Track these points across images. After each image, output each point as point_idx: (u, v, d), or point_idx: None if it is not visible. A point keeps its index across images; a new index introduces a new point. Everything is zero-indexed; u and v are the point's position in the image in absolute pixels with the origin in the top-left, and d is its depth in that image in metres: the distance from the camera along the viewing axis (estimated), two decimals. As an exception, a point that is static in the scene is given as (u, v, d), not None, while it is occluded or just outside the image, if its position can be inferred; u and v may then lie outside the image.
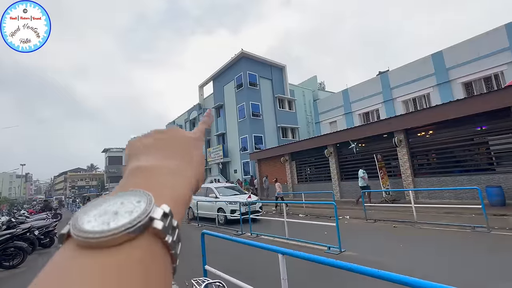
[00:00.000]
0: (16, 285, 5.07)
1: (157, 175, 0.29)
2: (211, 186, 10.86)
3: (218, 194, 10.03)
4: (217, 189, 10.53)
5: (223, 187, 11.13)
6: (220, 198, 9.82)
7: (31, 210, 21.24)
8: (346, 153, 13.76)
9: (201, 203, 10.38)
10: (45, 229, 8.35)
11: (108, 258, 0.19)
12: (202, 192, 10.69)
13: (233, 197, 9.91)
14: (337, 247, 5.19)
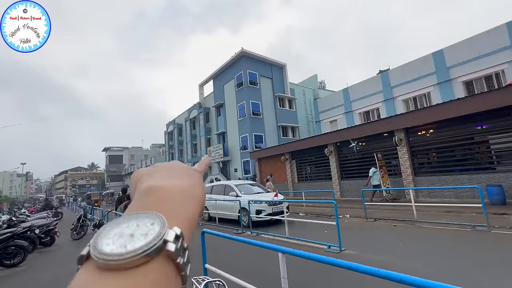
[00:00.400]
0: (17, 284, 5.09)
1: (169, 196, 0.30)
2: (230, 184, 9.84)
3: (239, 193, 8.93)
4: (238, 186, 9.38)
5: (244, 184, 10.03)
6: (242, 197, 8.60)
7: (32, 209, 21.27)
8: (346, 152, 13.75)
9: (219, 203, 9.53)
10: (46, 228, 8.36)
11: (127, 280, 0.21)
12: (219, 190, 10.10)
13: (257, 196, 8.88)
14: (337, 245, 5.19)
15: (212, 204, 9.66)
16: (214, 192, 10.16)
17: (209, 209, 9.96)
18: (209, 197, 9.76)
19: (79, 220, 9.69)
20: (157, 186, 0.30)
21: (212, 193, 10.13)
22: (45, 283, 4.99)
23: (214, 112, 28.54)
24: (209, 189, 10.53)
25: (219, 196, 9.67)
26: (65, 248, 8.24)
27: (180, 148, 35.91)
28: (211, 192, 10.29)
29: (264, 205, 8.03)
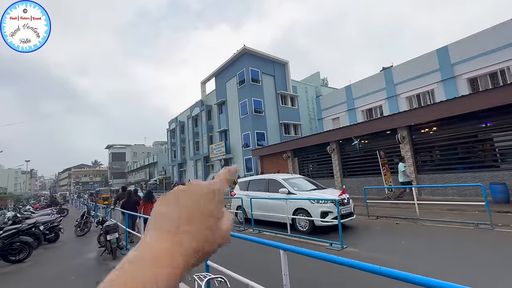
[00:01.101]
0: (23, 279, 5.16)
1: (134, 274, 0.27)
2: (276, 178, 7.85)
3: (292, 189, 7.13)
4: (287, 181, 7.56)
5: (293, 178, 7.99)
6: (298, 195, 6.91)
7: (36, 205, 21.50)
8: (349, 149, 13.71)
9: (260, 202, 7.78)
10: (50, 224, 8.45)
11: None
12: (259, 185, 8.30)
13: (317, 193, 7.00)
14: (339, 243, 5.19)
15: (250, 202, 7.75)
16: (252, 188, 8.47)
17: (246, 208, 8.12)
18: (245, 195, 8.31)
19: (83, 217, 9.79)
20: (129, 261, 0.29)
21: (249, 189, 8.53)
22: (50, 278, 5.06)
23: (216, 110, 28.54)
24: (244, 185, 8.89)
25: (260, 194, 7.95)
26: (69, 244, 8.33)
27: (183, 146, 36.01)
28: (247, 188, 8.63)
29: (331, 206, 6.27)
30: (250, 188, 8.56)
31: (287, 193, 7.07)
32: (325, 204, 6.35)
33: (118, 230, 6.11)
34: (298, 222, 6.79)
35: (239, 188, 9.09)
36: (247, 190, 8.56)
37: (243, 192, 8.65)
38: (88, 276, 5.00)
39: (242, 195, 8.41)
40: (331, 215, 6.21)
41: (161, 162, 45.76)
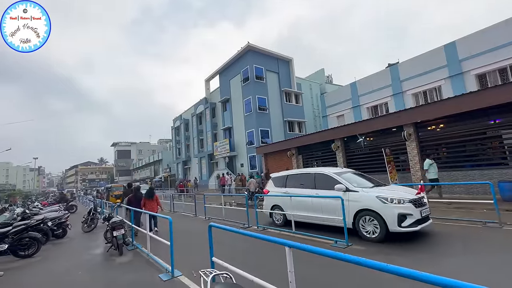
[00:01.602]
0: (32, 274, 5.27)
1: None
2: (327, 173, 6.41)
3: (351, 185, 5.77)
4: (341, 175, 6.17)
5: (346, 172, 6.52)
6: (361, 192, 5.56)
7: (44, 202, 21.90)
8: (353, 147, 13.60)
9: (302, 201, 6.58)
10: (58, 221, 8.59)
11: None
12: (302, 182, 6.95)
13: (386, 191, 5.58)
14: (344, 241, 5.17)
15: (290, 201, 6.71)
16: (291, 185, 7.23)
17: (284, 208, 7.12)
18: (283, 192, 7.23)
19: (90, 213, 9.94)
20: None
21: (287, 185, 7.33)
22: (58, 273, 5.15)
23: (220, 107, 28.57)
24: (280, 181, 7.64)
25: (304, 191, 6.70)
26: (76, 240, 8.47)
27: (187, 143, 36.19)
28: (285, 184, 7.42)
29: (409, 206, 5.06)
30: (288, 184, 7.32)
31: (345, 191, 5.71)
32: (402, 204, 5.07)
33: (124, 226, 6.19)
34: (361, 226, 5.45)
35: (273, 184, 7.89)
36: (284, 186, 7.37)
37: (279, 189, 7.50)
38: (95, 271, 5.09)
39: (279, 193, 7.35)
40: (410, 218, 4.99)
41: (165, 160, 46.10)
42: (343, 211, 5.32)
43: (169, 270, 4.39)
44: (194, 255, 5.52)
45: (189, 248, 6.00)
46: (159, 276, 4.34)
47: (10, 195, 38.17)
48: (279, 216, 7.44)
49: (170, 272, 4.35)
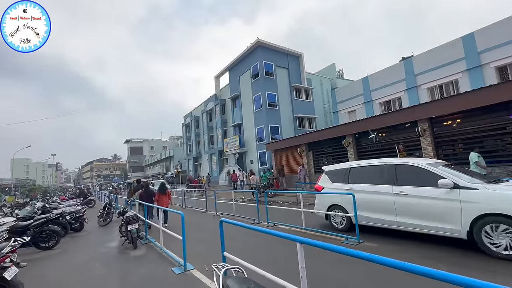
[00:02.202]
0: (53, 265, 5.52)
1: None
2: (418, 164, 4.99)
3: (462, 180, 4.41)
4: (438, 167, 4.82)
5: (440, 165, 4.99)
6: (484, 189, 4.14)
7: (62, 197, 22.77)
8: (365, 143, 13.36)
9: (375, 201, 5.32)
10: (75, 215, 8.92)
11: None
12: (373, 176, 5.53)
13: None
14: (356, 238, 5.12)
15: (360, 201, 5.38)
16: (356, 180, 5.80)
17: (349, 209, 5.67)
18: (346, 189, 5.79)
19: (105, 208, 10.27)
20: None
21: (351, 181, 5.90)
22: (77, 265, 5.37)
23: (230, 104, 28.65)
24: (340, 175, 6.19)
25: (380, 188, 5.26)
26: (93, 233, 8.78)
27: (197, 140, 36.58)
28: (347, 179, 5.98)
29: None
30: (352, 179, 5.88)
31: (452, 187, 4.31)
32: None
33: (138, 220, 6.37)
34: (485, 237, 3.95)
35: (328, 179, 6.53)
36: (347, 182, 5.97)
37: (339, 185, 6.12)
38: (111, 264, 5.27)
39: (340, 190, 5.97)
40: None
41: (177, 156, 46.83)
42: (458, 216, 4.17)
43: (182, 263, 4.49)
44: (205, 249, 5.62)
45: (200, 243, 6.11)
46: (172, 270, 4.45)
47: (30, 190, 39.92)
48: (339, 219, 6.11)
49: (182, 265, 4.45)
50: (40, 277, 4.72)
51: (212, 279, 3.85)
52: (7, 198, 26.10)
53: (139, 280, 4.22)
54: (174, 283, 3.99)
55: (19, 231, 6.36)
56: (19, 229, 6.49)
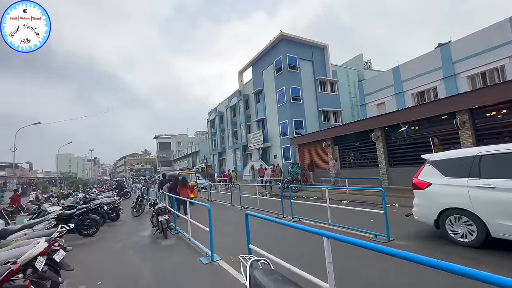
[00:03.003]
0: (94, 251, 6.03)
1: None
2: None
3: None
4: None
5: None
6: None
7: (100, 189, 24.64)
8: (395, 137, 12.67)
9: None
10: (112, 205, 9.62)
11: None
12: None
13: None
14: (385, 235, 4.92)
15: (480, 199, 4.08)
16: (492, 173, 4.08)
17: (484, 215, 4.06)
18: (483, 184, 4.05)
19: (138, 200, 10.93)
20: None
21: (483, 174, 4.15)
22: (115, 251, 5.82)
23: (253, 99, 28.71)
24: (462, 166, 4.43)
25: None
26: (127, 223, 9.41)
27: (222, 135, 37.27)
28: (478, 172, 4.21)
29: None
30: (486, 172, 4.15)
31: None
32: None
33: (168, 212, 6.70)
34: None
35: (438, 172, 4.81)
36: (476, 176, 4.22)
37: (463, 180, 4.36)
38: (144, 252, 5.62)
39: (467, 186, 4.27)
40: None
41: (202, 151, 48.18)
42: None
43: (209, 254, 4.65)
44: (230, 241, 5.76)
45: (226, 235, 6.27)
46: (200, 260, 4.63)
47: (72, 182, 43.75)
48: (463, 228, 4.35)
49: (210, 256, 4.61)
50: (83, 261, 5.18)
51: (238, 270, 3.96)
52: (54, 189, 28.90)
53: (170, 268, 4.47)
54: (203, 272, 4.16)
55: (64, 219, 7.02)
56: (65, 217, 7.16)
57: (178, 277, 4.04)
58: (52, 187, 34.36)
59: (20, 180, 34.86)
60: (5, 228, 5.25)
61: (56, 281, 3.41)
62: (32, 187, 29.86)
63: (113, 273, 4.49)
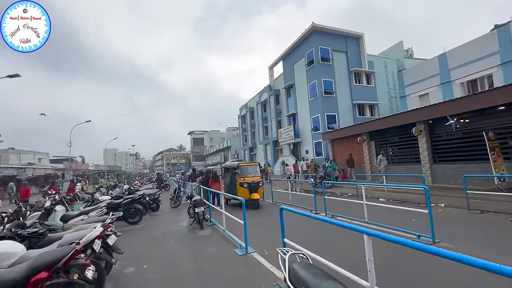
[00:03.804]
0: (140, 237, 6.59)
1: None
2: None
3: None
4: None
5: None
6: None
7: (142, 181, 26.62)
8: (441, 130, 11.60)
9: None
10: (153, 197, 10.36)
11: None
12: None
13: None
14: (430, 236, 4.58)
15: None
16: None
17: None
18: None
19: (175, 192, 11.61)
20: None
21: None
22: (157, 239, 6.29)
23: (284, 94, 28.41)
24: None
25: None
26: (166, 213, 10.06)
27: (253, 131, 37.62)
28: None
29: None
30: None
31: None
32: None
33: (204, 204, 7.02)
34: None
35: None
36: None
37: None
38: (183, 241, 5.98)
39: None
40: None
41: (233, 146, 49.22)
42: None
43: (243, 246, 4.79)
44: (264, 235, 5.85)
45: (259, 228, 6.38)
46: (234, 251, 4.79)
47: (117, 174, 47.96)
48: None
49: (244, 248, 4.75)
50: (131, 246, 5.69)
51: (272, 263, 4.02)
52: (102, 180, 32.01)
53: (208, 258, 4.70)
54: (238, 264, 4.30)
55: (113, 207, 7.74)
56: (113, 206, 7.89)
57: (215, 267, 4.23)
58: (101, 178, 38.02)
59: (75, 172, 39.14)
60: (66, 214, 5.99)
61: (110, 262, 3.81)
62: (78, 178, 33.13)
63: (156, 259, 4.86)
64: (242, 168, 9.76)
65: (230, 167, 10.11)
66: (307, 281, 1.56)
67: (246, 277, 3.79)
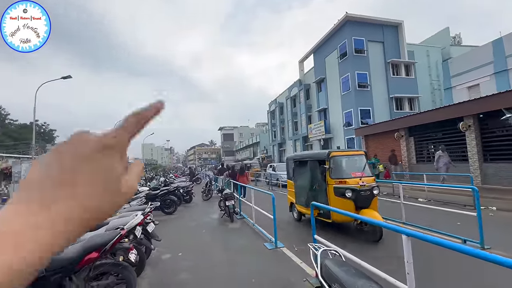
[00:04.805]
0: (175, 226, 7.01)
1: None
2: None
3: None
4: None
5: None
6: None
7: (176, 174, 28.08)
8: (494, 126, 10.38)
9: None
10: (186, 189, 10.88)
11: None
12: None
13: None
14: (478, 242, 4.16)
15: None
16: None
17: None
18: None
19: (207, 186, 12.06)
20: None
21: None
22: (191, 229, 6.64)
23: (314, 88, 27.66)
24: None
25: None
26: (199, 206, 10.51)
27: (282, 126, 37.35)
28: None
29: None
30: None
31: None
32: None
33: (234, 198, 7.19)
34: None
35: None
36: None
37: None
38: (215, 232, 6.21)
39: None
40: None
41: (262, 142, 49.43)
42: None
43: (273, 240, 4.83)
44: (293, 230, 5.82)
45: (288, 224, 6.37)
46: (264, 245, 4.86)
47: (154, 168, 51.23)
48: None
49: (273, 242, 4.78)
50: (167, 234, 6.06)
51: (302, 258, 4.00)
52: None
53: (239, 250, 4.84)
54: (268, 257, 4.36)
55: (151, 198, 8.30)
56: (151, 196, 8.46)
57: (246, 259, 4.34)
58: (140, 171, 40.72)
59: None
60: (111, 202, 6.56)
61: (149, 248, 4.11)
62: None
63: (190, 248, 5.13)
64: (337, 159, 5.47)
65: (311, 158, 5.94)
66: (340, 278, 1.53)
67: (276, 271, 3.82)
